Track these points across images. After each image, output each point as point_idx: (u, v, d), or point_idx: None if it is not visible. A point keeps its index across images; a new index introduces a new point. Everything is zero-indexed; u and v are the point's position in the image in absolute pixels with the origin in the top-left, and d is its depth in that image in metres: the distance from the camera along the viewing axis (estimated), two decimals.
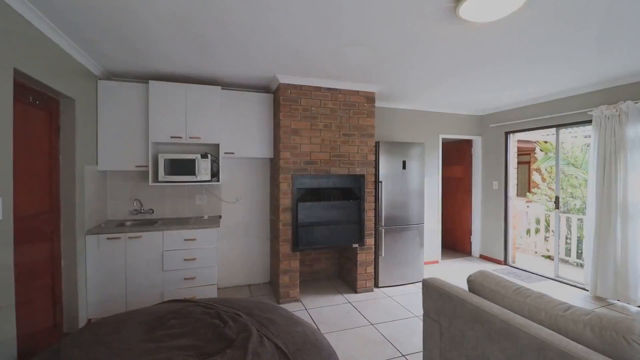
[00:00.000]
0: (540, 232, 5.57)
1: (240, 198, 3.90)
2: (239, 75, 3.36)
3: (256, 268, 4.01)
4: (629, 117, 3.30)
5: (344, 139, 3.62)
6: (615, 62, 2.92)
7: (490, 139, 5.11)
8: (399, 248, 4.00)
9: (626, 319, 1.13)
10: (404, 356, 2.44)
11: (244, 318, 2.14)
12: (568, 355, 1.06)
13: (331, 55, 2.76)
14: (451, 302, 1.55)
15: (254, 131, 3.63)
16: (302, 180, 3.43)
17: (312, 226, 3.48)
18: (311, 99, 3.47)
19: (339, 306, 3.34)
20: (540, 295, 1.39)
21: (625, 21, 2.13)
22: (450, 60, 2.85)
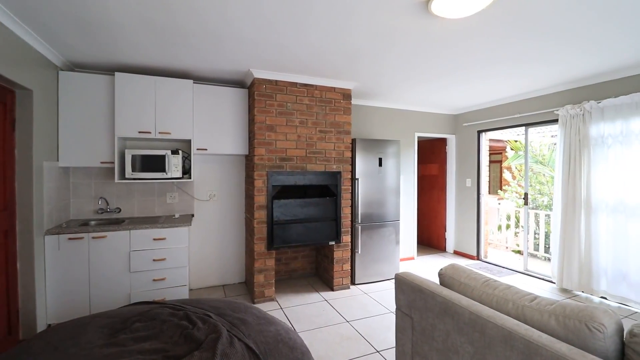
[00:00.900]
0: (511, 228, 5.77)
1: (214, 196, 3.79)
2: (212, 69, 3.25)
3: (231, 268, 3.91)
4: (592, 116, 3.46)
5: (320, 136, 3.59)
6: (580, 63, 3.05)
7: (464, 137, 5.23)
8: (375, 245, 4.02)
9: (588, 307, 1.15)
10: (378, 352, 2.43)
11: (214, 319, 2.07)
12: (533, 344, 1.07)
13: (305, 48, 2.71)
14: (422, 296, 1.55)
15: (228, 127, 3.53)
16: (278, 177, 3.37)
17: (288, 224, 3.42)
18: (287, 94, 3.42)
19: (315, 304, 3.31)
20: (508, 287, 1.40)
21: (588, 23, 2.22)
22: (424, 57, 2.88)
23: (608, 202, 3.34)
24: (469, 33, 2.37)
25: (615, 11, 2.06)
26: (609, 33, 2.38)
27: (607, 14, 2.09)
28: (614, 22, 2.21)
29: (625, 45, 2.61)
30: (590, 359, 0.97)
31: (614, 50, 2.71)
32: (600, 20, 2.19)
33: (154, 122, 3.18)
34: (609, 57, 2.89)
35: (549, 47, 2.64)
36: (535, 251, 5.22)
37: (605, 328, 1.07)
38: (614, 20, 2.19)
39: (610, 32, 2.36)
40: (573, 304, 1.19)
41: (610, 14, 2.09)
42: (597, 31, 2.35)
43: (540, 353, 1.04)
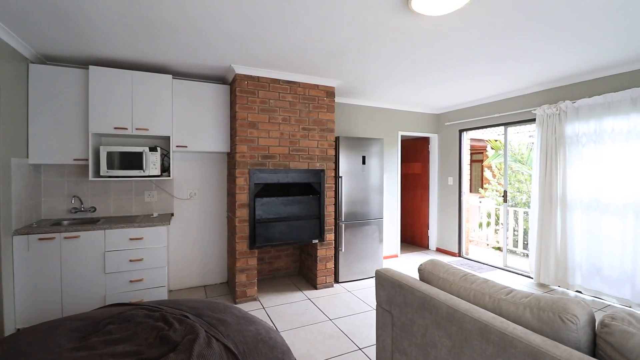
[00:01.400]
0: (491, 225, 5.90)
1: (194, 194, 3.70)
2: (192, 64, 3.17)
3: (213, 268, 3.83)
4: (567, 115, 3.56)
5: (304, 133, 3.56)
6: (556, 63, 3.13)
7: (446, 136, 5.31)
8: (359, 243, 4.02)
9: (561, 299, 1.17)
10: (360, 349, 2.43)
11: (192, 319, 2.01)
12: (508, 336, 1.07)
13: (288, 44, 2.68)
14: (402, 291, 1.54)
15: (209, 124, 3.45)
16: (260, 175, 3.32)
17: (271, 222, 3.38)
18: (269, 91, 3.37)
19: (298, 303, 3.28)
20: (485, 281, 1.42)
21: (564, 24, 2.27)
22: (405, 55, 2.89)
23: (583, 199, 3.45)
24: (448, 31, 2.40)
25: (589, 14, 2.12)
26: (584, 35, 2.45)
27: (582, 16, 2.15)
28: (588, 24, 2.27)
29: (599, 47, 2.69)
30: (562, 349, 0.98)
31: (588, 51, 2.80)
32: (576, 22, 2.25)
33: (131, 117, 3.07)
34: (584, 58, 2.98)
35: (526, 46, 2.70)
36: (515, 247, 5.35)
37: (577, 319, 1.09)
38: (589, 23, 2.25)
39: (585, 34, 2.43)
40: (547, 296, 1.21)
41: (584, 15, 2.15)
42: (573, 32, 2.42)
43: (515, 345, 1.05)
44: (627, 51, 2.80)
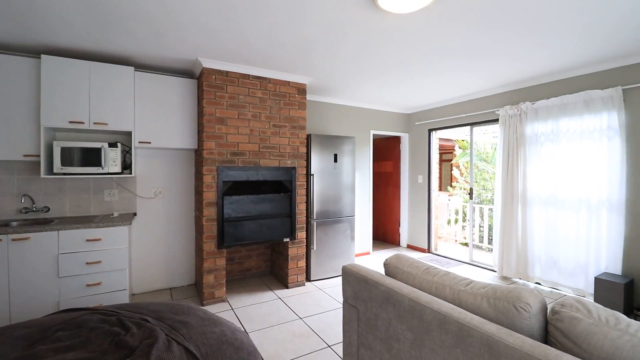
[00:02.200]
0: (459, 222, 6.10)
1: (159, 193, 3.54)
2: (155, 56, 3.03)
3: (179, 269, 3.68)
4: (527, 116, 3.74)
5: (274, 130, 3.51)
6: (518, 66, 3.27)
7: (416, 135, 5.43)
8: (331, 241, 4.02)
9: (516, 289, 1.21)
10: (330, 347, 2.42)
11: (152, 323, 1.91)
12: (465, 326, 1.09)
13: (258, 38, 2.62)
14: (367, 286, 1.54)
15: (175, 119, 3.31)
16: (229, 173, 3.23)
17: (240, 221, 3.30)
18: (238, 86, 3.29)
19: (268, 303, 3.22)
20: (446, 273, 1.44)
21: (525, 28, 2.37)
22: (374, 52, 2.91)
23: (541, 196, 3.64)
24: (415, 29, 2.43)
25: (547, 20, 2.23)
26: (542, 39, 2.57)
27: (540, 21, 2.25)
28: (546, 29, 2.38)
29: (557, 51, 2.84)
30: (516, 337, 1.01)
31: (546, 55, 2.94)
32: (535, 26, 2.35)
33: (88, 111, 2.89)
34: (543, 61, 3.13)
35: (490, 46, 2.79)
36: (480, 243, 5.56)
37: (530, 307, 1.13)
38: (547, 27, 2.36)
39: (543, 38, 2.55)
40: (503, 286, 1.25)
41: (543, 21, 2.26)
42: (532, 36, 2.53)
43: (471, 334, 1.07)
44: (581, 56, 2.98)
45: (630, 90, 3.03)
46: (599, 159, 3.19)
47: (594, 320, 1.03)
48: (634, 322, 1.02)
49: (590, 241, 3.26)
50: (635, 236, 3.00)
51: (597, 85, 3.24)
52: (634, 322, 1.02)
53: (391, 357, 1.41)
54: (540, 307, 1.14)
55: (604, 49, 2.82)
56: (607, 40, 2.62)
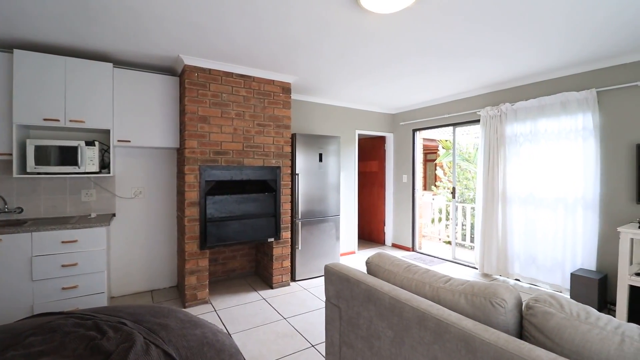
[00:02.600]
0: (443, 220, 6.21)
1: (140, 193, 3.46)
2: (135, 53, 2.95)
3: (161, 271, 3.60)
4: (507, 117, 3.83)
5: (259, 129, 3.47)
6: (496, 68, 3.35)
7: (401, 135, 5.49)
8: (316, 240, 4.01)
9: (492, 285, 1.23)
10: (313, 346, 2.41)
11: (130, 326, 1.86)
12: (443, 323, 1.10)
13: (241, 35, 2.59)
14: (349, 285, 1.54)
15: (155, 117, 3.24)
16: (212, 172, 3.18)
17: (223, 221, 3.25)
18: (222, 84, 3.24)
19: (252, 304, 3.19)
20: (427, 271, 1.46)
21: (503, 31, 2.43)
22: (357, 51, 2.92)
23: (520, 194, 3.74)
24: (397, 29, 2.45)
25: (526, 23, 2.28)
26: (521, 42, 2.64)
27: (520, 23, 2.31)
28: (527, 32, 2.44)
29: (536, 53, 2.92)
30: (491, 332, 1.02)
31: (525, 58, 3.02)
32: (517, 28, 2.41)
33: (64, 108, 2.79)
34: (522, 64, 3.21)
35: (472, 47, 2.85)
36: (463, 241, 5.67)
37: (506, 303, 1.15)
38: (527, 31, 2.42)
39: (524, 41, 2.62)
40: (480, 282, 1.27)
41: (523, 24, 2.31)
42: (512, 39, 2.59)
43: (449, 331, 1.08)
44: (560, 58, 3.07)
45: (604, 93, 3.14)
46: (574, 158, 3.30)
47: (566, 314, 1.06)
48: (604, 315, 1.05)
49: (566, 238, 3.37)
50: (608, 233, 3.11)
51: (573, 87, 3.35)
52: (604, 315, 1.05)
53: (372, 355, 1.41)
54: (515, 303, 1.17)
55: (581, 53, 2.91)
56: (585, 44, 2.71)
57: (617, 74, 3.07)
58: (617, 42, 2.67)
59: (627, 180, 3.01)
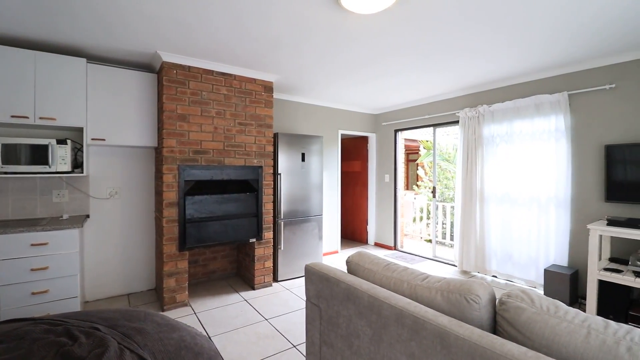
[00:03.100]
0: (424, 219, 6.32)
1: (115, 193, 3.34)
2: (111, 48, 2.86)
3: (138, 273, 3.50)
4: (484, 118, 3.94)
5: (240, 128, 3.43)
6: (475, 70, 3.43)
7: (383, 136, 5.55)
8: (298, 240, 4.00)
9: (467, 281, 1.26)
10: (295, 347, 2.40)
11: (103, 331, 1.79)
12: (420, 320, 1.12)
13: (220, 33, 2.54)
14: (328, 284, 1.54)
15: (132, 115, 3.14)
16: (191, 172, 3.12)
17: (203, 222, 3.19)
18: (201, 82, 3.18)
19: (233, 305, 3.15)
20: (405, 269, 1.47)
21: (484, 33, 2.49)
22: (339, 51, 2.93)
23: (497, 193, 3.85)
24: (377, 30, 2.48)
25: (504, 26, 2.35)
26: (499, 45, 2.72)
27: (499, 26, 2.37)
28: (504, 35, 2.52)
29: (513, 56, 3.01)
30: (465, 327, 1.05)
31: (502, 61, 3.11)
32: (493, 33, 2.47)
33: (33, 105, 2.66)
34: (499, 66, 3.30)
35: (449, 50, 2.91)
36: (443, 239, 5.79)
37: (480, 299, 1.18)
38: (504, 34, 2.49)
39: (501, 44, 2.69)
40: (456, 279, 1.29)
41: (501, 27, 2.38)
42: (488, 43, 2.66)
43: (425, 327, 1.10)
44: (532, 62, 3.18)
45: (575, 96, 3.28)
46: (547, 159, 3.43)
47: (537, 309, 1.10)
48: (572, 309, 1.09)
49: (540, 236, 3.50)
50: (578, 230, 3.25)
51: (547, 90, 3.47)
52: (572, 309, 1.09)
53: (352, 354, 1.42)
54: (489, 299, 1.20)
55: (557, 56, 3.02)
56: (563, 48, 2.82)
57: (587, 78, 3.21)
58: (591, 46, 2.79)
59: (596, 179, 3.15)
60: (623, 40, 2.65)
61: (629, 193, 2.87)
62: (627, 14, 2.22)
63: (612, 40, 2.65)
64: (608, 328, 0.96)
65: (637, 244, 2.80)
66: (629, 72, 2.95)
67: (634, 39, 2.62)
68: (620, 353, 0.88)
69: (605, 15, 2.24)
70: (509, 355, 0.91)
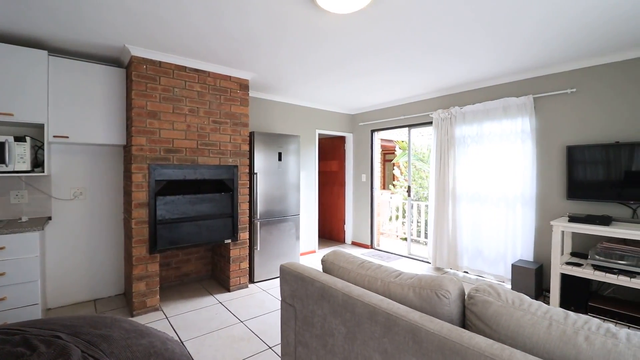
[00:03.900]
0: (399, 218, 6.44)
1: (81, 194, 3.17)
2: (74, 41, 2.71)
3: (106, 278, 3.34)
4: (456, 119, 4.06)
5: (214, 127, 3.35)
6: (447, 73, 3.53)
7: (360, 136, 5.61)
8: (275, 241, 3.96)
9: (438, 277, 1.29)
10: (271, 348, 2.37)
11: (65, 339, 1.69)
12: (392, 316, 1.13)
13: (192, 28, 2.47)
14: (303, 284, 1.53)
15: (99, 112, 2.99)
16: (163, 171, 3.01)
17: (176, 223, 3.09)
18: (174, 78, 3.08)
19: (208, 308, 3.07)
20: (379, 266, 1.49)
21: (456, 37, 2.56)
22: (316, 50, 2.92)
23: (468, 192, 3.98)
24: (353, 30, 2.49)
25: (478, 31, 2.43)
26: (468, 50, 2.81)
27: (468, 31, 2.45)
28: (478, 39, 2.60)
29: (482, 61, 3.12)
30: (436, 322, 1.07)
31: (473, 64, 3.22)
32: (466, 37, 2.55)
33: None
34: (471, 69, 3.42)
35: (422, 53, 2.97)
36: (418, 237, 5.93)
37: (450, 294, 1.21)
38: (479, 38, 2.58)
39: (475, 47, 2.79)
40: (428, 276, 1.32)
41: (470, 32, 2.46)
42: (458, 46, 2.74)
43: (398, 324, 1.11)
44: (502, 66, 3.31)
45: (540, 99, 3.45)
46: (514, 159, 3.58)
47: (503, 302, 1.14)
48: (535, 302, 1.14)
49: (508, 233, 3.65)
50: (543, 227, 3.42)
51: (514, 93, 3.63)
52: (535, 302, 1.14)
53: (326, 353, 1.41)
54: (458, 294, 1.23)
55: (518, 61, 3.17)
56: (520, 54, 2.95)
57: (551, 82, 3.38)
58: (558, 52, 2.93)
59: (559, 178, 3.32)
60: (585, 48, 2.82)
61: (588, 191, 3.05)
62: (593, 24, 2.35)
63: (577, 47, 2.81)
64: (568, 319, 1.01)
65: (596, 239, 2.98)
66: (588, 77, 3.14)
67: (595, 46, 2.78)
68: (579, 342, 0.93)
69: (576, 25, 2.37)
70: (477, 348, 0.94)
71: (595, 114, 3.10)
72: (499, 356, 0.89)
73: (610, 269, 2.60)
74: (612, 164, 2.91)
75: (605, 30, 2.47)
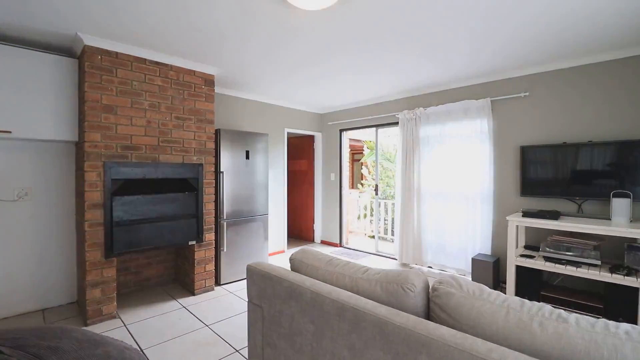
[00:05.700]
0: (368, 216, 6.55)
1: (26, 194, 2.90)
2: (19, 26, 2.46)
3: (56, 285, 3.08)
4: (421, 120, 4.20)
5: (177, 123, 3.20)
6: (413, 74, 3.64)
7: (329, 135, 5.63)
8: (243, 241, 3.87)
9: (404, 271, 1.31)
10: (238, 351, 2.31)
11: (7, 353, 1.52)
12: (360, 312, 1.14)
13: (152, 16, 2.34)
14: (271, 283, 1.50)
15: (47, 105, 2.75)
16: (120, 170, 2.83)
17: (135, 224, 2.91)
18: (132, 71, 2.90)
19: (170, 313, 2.93)
20: (347, 263, 1.49)
21: (420, 43, 2.64)
22: (284, 47, 2.89)
23: (431, 190, 4.13)
24: (321, 28, 2.49)
25: (434, 36, 2.52)
26: (434, 53, 2.91)
27: (435, 34, 2.53)
28: (436, 43, 2.70)
29: (448, 64, 3.24)
30: (402, 316, 1.09)
31: (438, 67, 3.34)
32: (427, 39, 2.64)
33: None
34: (438, 71, 3.54)
35: (388, 55, 3.04)
36: (385, 235, 6.07)
37: (415, 287, 1.23)
38: (435, 43, 2.68)
39: (443, 49, 2.89)
40: (394, 270, 1.34)
41: (438, 35, 2.54)
42: (426, 49, 2.83)
43: (365, 319, 1.12)
44: (463, 71, 3.47)
45: (497, 102, 3.65)
46: (474, 158, 3.77)
47: (465, 293, 1.18)
48: (494, 291, 1.20)
49: (468, 228, 3.84)
50: (499, 222, 3.63)
51: (474, 96, 3.82)
52: (494, 291, 1.20)
53: (295, 352, 1.39)
54: (423, 286, 1.26)
55: (477, 67, 3.34)
56: (486, 59, 3.11)
57: (506, 86, 3.59)
58: (511, 59, 3.12)
59: (514, 176, 3.54)
60: (535, 53, 3.02)
61: (540, 188, 3.28)
62: (539, 37, 2.53)
63: (527, 53, 3.01)
64: (523, 306, 1.07)
65: (547, 232, 3.21)
66: (540, 81, 3.37)
67: (546, 53, 2.99)
68: (534, 328, 0.98)
69: (524, 33, 2.52)
70: (441, 338, 0.96)
71: (545, 116, 3.34)
72: (462, 345, 0.92)
73: (559, 260, 2.81)
74: (560, 163, 3.15)
75: (555, 39, 2.67)
